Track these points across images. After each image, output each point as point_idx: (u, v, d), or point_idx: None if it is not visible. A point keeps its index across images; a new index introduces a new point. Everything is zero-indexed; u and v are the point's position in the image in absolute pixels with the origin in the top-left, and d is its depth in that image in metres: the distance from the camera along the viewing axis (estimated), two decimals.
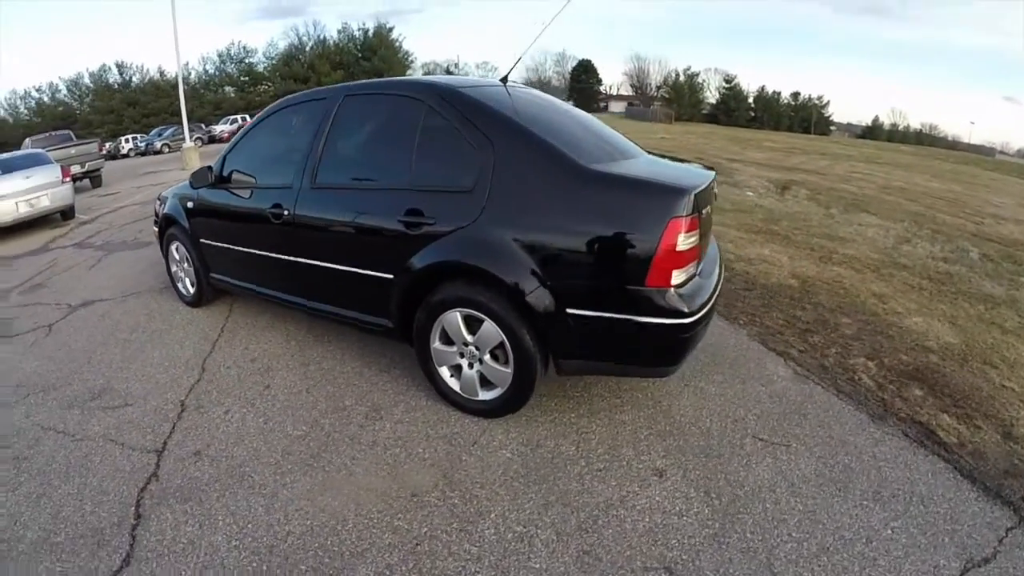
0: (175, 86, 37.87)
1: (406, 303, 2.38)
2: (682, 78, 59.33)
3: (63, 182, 8.77)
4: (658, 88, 60.84)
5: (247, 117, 31.24)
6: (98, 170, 14.14)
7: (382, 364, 3.04)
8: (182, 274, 4.07)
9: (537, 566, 1.68)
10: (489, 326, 2.17)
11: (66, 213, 9.03)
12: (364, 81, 2.88)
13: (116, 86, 47.70)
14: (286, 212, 2.80)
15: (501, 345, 2.17)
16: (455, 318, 2.25)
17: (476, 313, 2.18)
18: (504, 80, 2.65)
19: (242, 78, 48.66)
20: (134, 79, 48.58)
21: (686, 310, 1.92)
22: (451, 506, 1.95)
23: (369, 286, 2.49)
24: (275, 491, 2.11)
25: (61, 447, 2.57)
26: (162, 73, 47.96)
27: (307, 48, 48.26)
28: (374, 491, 2.05)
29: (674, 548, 1.74)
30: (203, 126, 32.78)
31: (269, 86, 46.78)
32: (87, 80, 48.18)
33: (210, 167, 3.39)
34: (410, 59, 53.75)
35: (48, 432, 2.71)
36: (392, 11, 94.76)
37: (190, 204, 3.63)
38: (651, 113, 43.92)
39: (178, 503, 2.10)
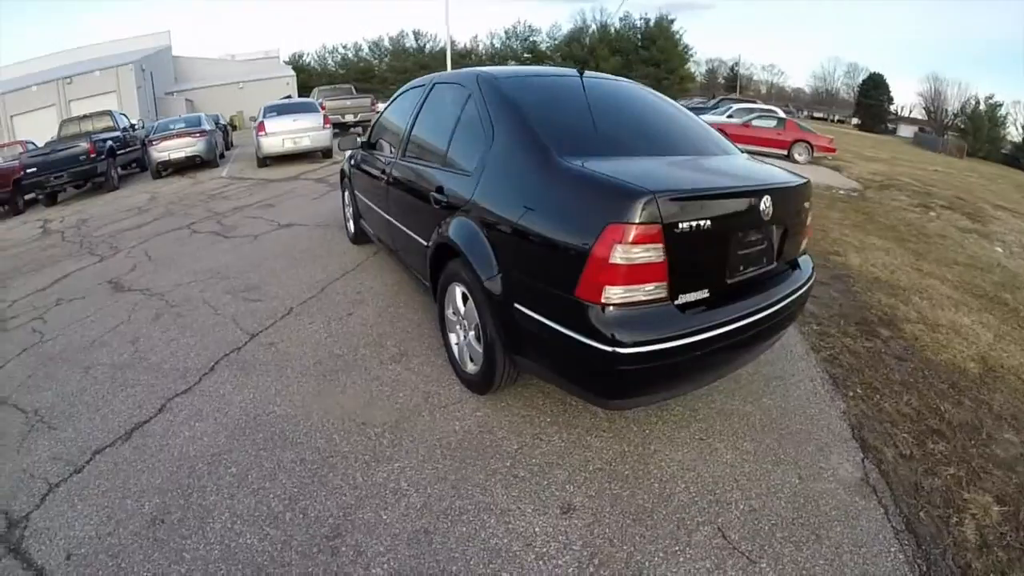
0: (464, 56, 45.50)
1: (433, 270, 2.82)
2: (982, 107, 54.58)
3: (324, 128, 12.07)
4: (954, 116, 57.20)
5: None
6: (368, 120, 18.71)
7: (436, 322, 3.66)
8: (347, 217, 5.53)
9: (386, 518, 1.97)
10: (471, 304, 2.48)
11: (325, 152, 12.42)
12: (453, 71, 3.44)
13: (411, 50, 60.74)
14: (385, 178, 3.65)
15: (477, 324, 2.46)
16: (455, 291, 2.62)
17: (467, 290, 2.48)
18: (581, 72, 2.85)
19: (525, 55, 56.35)
20: (427, 46, 60.98)
21: (612, 336, 1.78)
22: (376, 445, 2.34)
23: (419, 249, 3.02)
24: (292, 383, 2.91)
25: (204, 315, 3.98)
26: (453, 43, 59.06)
27: (589, 32, 53.02)
28: (343, 409, 2.62)
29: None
30: None
31: (551, 63, 53.04)
32: (387, 43, 62.47)
33: (359, 133, 4.50)
34: (690, 52, 54.67)
35: (205, 305, 4.20)
36: (684, 4, 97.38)
37: (352, 162, 4.87)
38: (942, 144, 40.45)
39: (238, 369, 3.15)
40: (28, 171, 10.61)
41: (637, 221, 1.76)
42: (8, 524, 2.19)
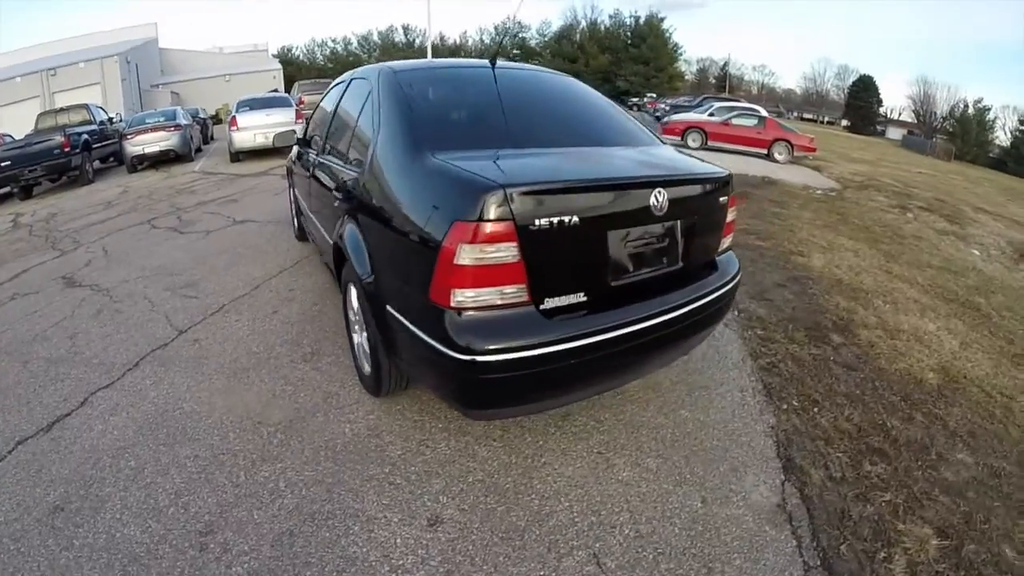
0: (453, 52, 45.09)
1: (337, 269, 2.79)
2: (970, 111, 54.87)
3: (296, 123, 12.02)
4: (943, 119, 57.75)
5: None
6: None
7: None
8: (293, 213, 5.55)
9: (258, 518, 2.00)
10: (362, 304, 2.38)
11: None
12: (368, 66, 3.33)
13: (400, 45, 60.25)
14: (309, 174, 3.69)
15: None
16: (351, 291, 2.55)
17: None
18: (493, 61, 2.77)
19: (514, 51, 56.20)
20: (416, 41, 60.40)
21: (464, 343, 1.69)
22: (265, 444, 2.39)
23: (328, 248, 2.92)
24: (205, 380, 3.00)
25: (141, 310, 4.07)
26: (442, 39, 58.54)
27: (579, 29, 53.09)
28: (245, 407, 2.71)
29: None
30: None
31: (539, 61, 53.03)
32: (376, 37, 62.02)
33: (294, 130, 4.59)
34: (680, 51, 55.14)
35: (144, 300, 4.27)
36: (676, 3, 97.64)
37: (292, 158, 4.91)
38: (930, 146, 40.87)
39: (159, 365, 3.23)
40: (2, 164, 10.50)
41: (483, 218, 1.62)
42: None
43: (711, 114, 16.64)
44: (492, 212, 1.63)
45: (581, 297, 1.87)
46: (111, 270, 5.30)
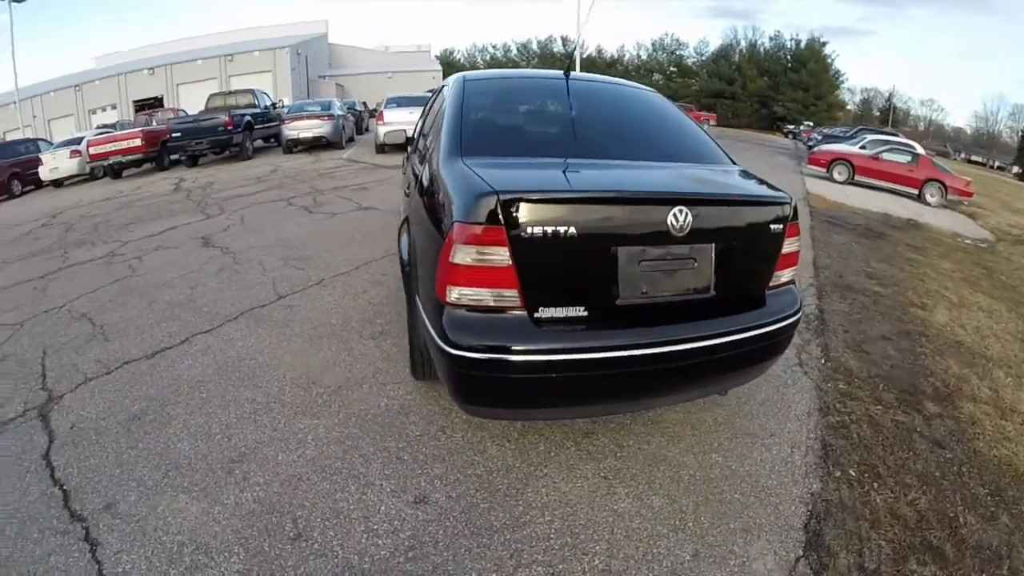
0: (610, 64, 46.25)
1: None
2: None
3: None
4: None
5: None
6: None
7: None
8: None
9: (280, 459, 2.36)
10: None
11: None
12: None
13: (558, 55, 62.75)
14: (416, 178, 4.20)
15: None
16: None
17: None
18: (567, 72, 2.99)
19: (670, 68, 56.38)
20: (577, 53, 62.80)
21: (449, 336, 1.86)
22: (311, 402, 2.80)
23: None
24: (284, 340, 3.53)
25: (255, 274, 4.88)
26: (600, 51, 60.13)
27: (737, 50, 52.22)
28: (306, 368, 3.15)
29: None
30: None
31: (695, 81, 52.49)
32: (535, 46, 65.16)
33: (404, 130, 5.20)
34: (841, 79, 52.01)
35: (260, 266, 5.09)
36: (841, 28, 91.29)
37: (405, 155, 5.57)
38: None
39: (253, 321, 3.85)
40: (173, 135, 12.80)
41: (475, 221, 1.79)
42: (48, 398, 3.04)
43: (862, 146, 15.82)
44: (484, 216, 1.79)
45: (580, 311, 1.92)
46: (242, 237, 6.29)
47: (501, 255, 1.81)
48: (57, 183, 14.12)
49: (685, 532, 2.09)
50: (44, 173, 13.99)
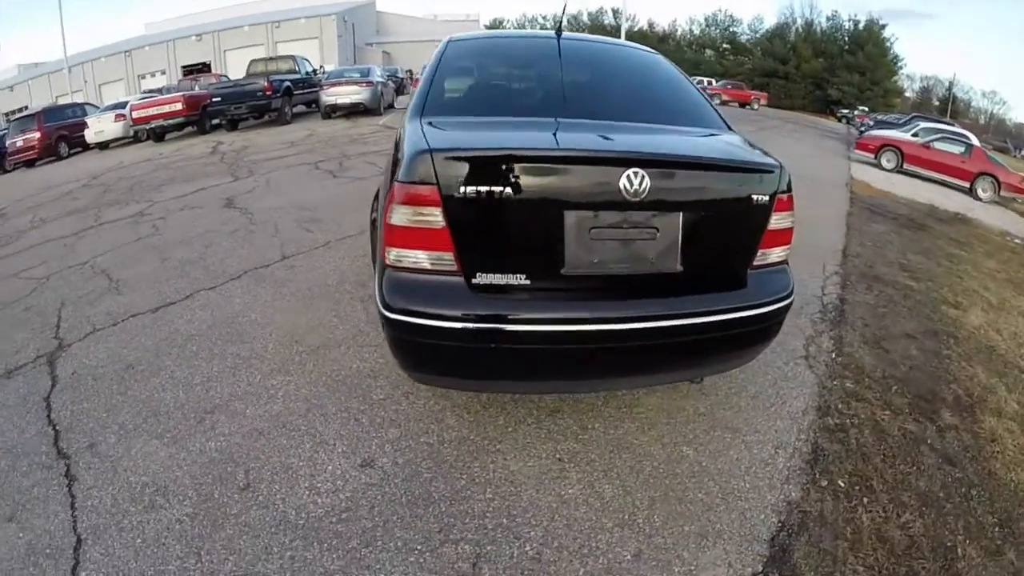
0: (661, 39, 44.94)
1: None
2: None
3: None
4: None
5: (712, 81, 35.25)
6: None
7: None
8: None
9: (248, 412, 2.44)
10: None
11: None
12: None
13: (608, 27, 61.10)
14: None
15: None
16: None
17: None
18: (558, 31, 2.82)
19: (723, 45, 54.18)
20: (625, 24, 60.97)
21: (389, 301, 1.82)
22: (289, 359, 2.89)
23: None
24: (279, 299, 3.65)
25: (267, 235, 5.02)
26: (651, 25, 58.24)
27: (793, 30, 49.79)
28: (293, 326, 3.24)
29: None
30: None
31: (748, 59, 50.35)
32: (585, 18, 63.50)
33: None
34: (900, 64, 49.23)
35: (273, 227, 5.24)
36: (902, 10, 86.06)
37: None
38: None
39: (255, 281, 3.99)
40: (214, 100, 13.16)
41: (408, 180, 1.75)
42: (59, 346, 3.28)
43: (914, 134, 15.07)
44: (416, 175, 1.73)
45: (522, 279, 1.82)
46: (263, 199, 6.47)
47: (435, 216, 1.74)
48: (102, 146, 14.77)
49: (632, 528, 1.96)
50: (90, 136, 14.66)
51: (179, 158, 10.63)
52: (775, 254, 2.17)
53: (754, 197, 2.01)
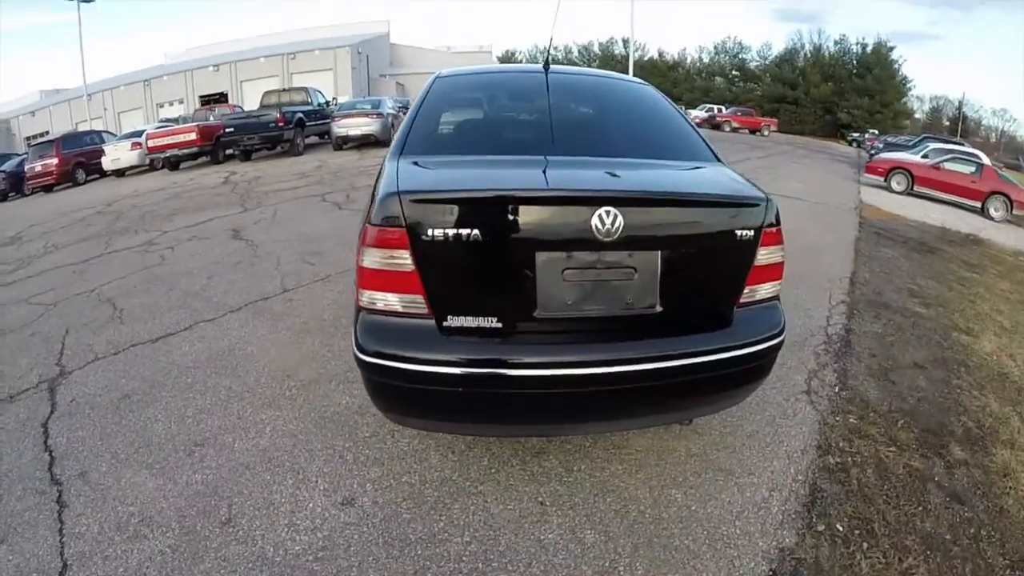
0: (671, 67, 45.91)
1: None
2: None
3: None
4: None
5: (722, 108, 35.69)
6: None
7: None
8: None
9: (236, 446, 2.51)
10: None
11: None
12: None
13: (619, 57, 62.21)
14: None
15: None
16: None
17: None
18: (546, 65, 2.79)
19: (733, 72, 55.18)
20: (636, 54, 62.23)
21: (362, 343, 1.85)
22: (279, 394, 2.95)
23: None
24: (275, 333, 3.76)
25: (268, 267, 5.18)
26: (661, 54, 59.41)
27: (801, 54, 50.89)
28: (286, 361, 3.34)
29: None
30: (681, 108, 39.55)
31: (758, 86, 51.16)
32: (596, 48, 64.83)
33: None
34: (909, 85, 50.01)
35: (275, 260, 5.40)
36: (911, 33, 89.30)
37: None
38: None
39: (253, 314, 4.12)
40: (227, 130, 13.57)
41: (377, 223, 1.77)
42: (60, 373, 3.43)
43: (924, 155, 15.15)
44: (384, 219, 1.76)
45: (494, 322, 1.82)
46: (269, 231, 6.66)
47: (404, 259, 1.76)
48: (119, 173, 15.26)
49: None
50: (107, 163, 15.19)
51: (192, 187, 10.94)
52: (764, 290, 2.11)
53: (738, 232, 1.96)
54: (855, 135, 36.63)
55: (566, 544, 2.04)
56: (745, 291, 2.04)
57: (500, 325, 1.84)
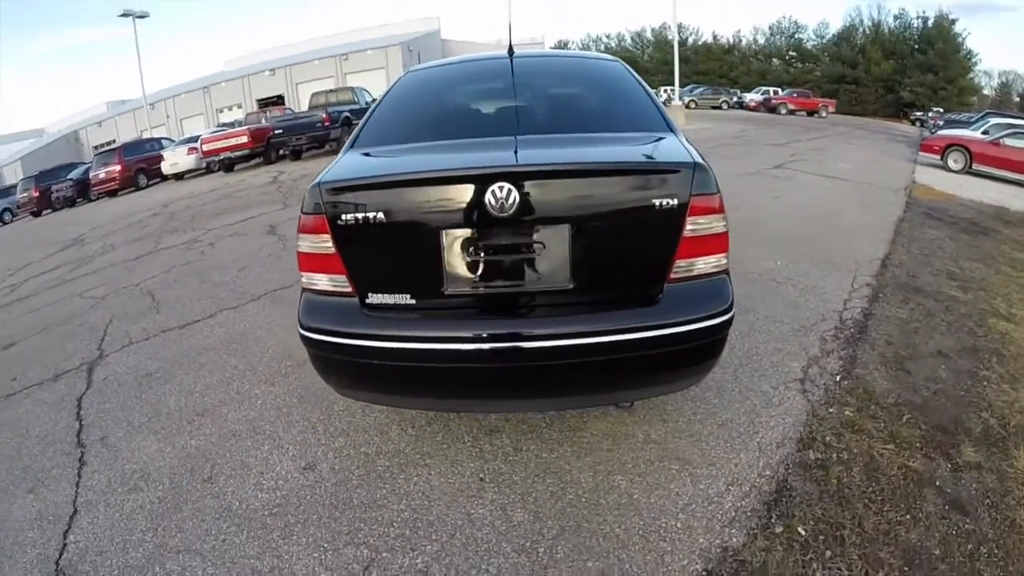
0: (726, 51, 44.58)
1: None
2: None
3: None
4: None
5: (777, 91, 34.46)
6: None
7: None
8: None
9: (230, 416, 2.80)
10: None
11: None
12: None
13: (673, 43, 60.82)
14: None
15: None
16: None
17: None
18: (511, 51, 2.86)
19: (790, 53, 52.85)
20: (689, 39, 60.39)
21: (301, 320, 2.07)
22: (278, 372, 3.21)
23: None
24: (286, 318, 4.11)
25: (293, 259, 5.56)
26: (715, 37, 57.60)
27: (860, 31, 48.04)
28: (289, 343, 3.59)
29: None
30: (737, 92, 38.21)
31: (815, 65, 48.82)
32: (649, 34, 63.47)
33: None
34: (974, 59, 46.14)
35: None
36: (979, 4, 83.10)
37: None
38: None
39: (271, 302, 4.50)
40: (276, 132, 14.31)
41: (306, 211, 1.99)
42: (99, 356, 3.87)
43: (984, 131, 13.99)
44: (311, 206, 1.97)
45: (407, 299, 1.96)
46: None
47: (327, 243, 1.95)
48: (178, 176, 16.46)
49: (529, 557, 1.92)
50: (165, 168, 16.46)
51: (243, 187, 11.70)
52: (702, 264, 1.97)
53: (657, 202, 1.86)
54: (918, 114, 34.61)
55: (493, 520, 2.09)
56: (677, 265, 1.93)
57: (413, 302, 1.96)
